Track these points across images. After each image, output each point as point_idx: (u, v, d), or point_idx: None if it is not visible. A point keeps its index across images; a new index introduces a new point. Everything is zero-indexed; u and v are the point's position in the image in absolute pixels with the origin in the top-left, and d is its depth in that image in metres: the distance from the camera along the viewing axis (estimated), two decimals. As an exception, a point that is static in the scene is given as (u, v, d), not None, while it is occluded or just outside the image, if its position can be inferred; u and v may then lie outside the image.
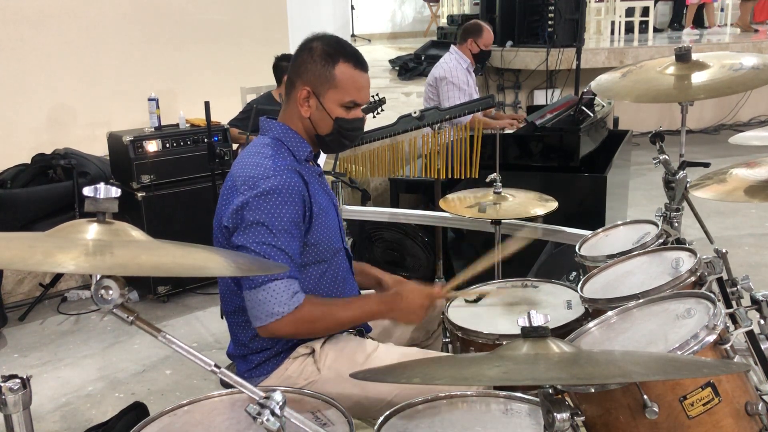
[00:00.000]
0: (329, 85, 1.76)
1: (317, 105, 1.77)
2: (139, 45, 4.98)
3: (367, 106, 3.97)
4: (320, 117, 1.78)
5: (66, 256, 1.03)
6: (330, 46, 1.77)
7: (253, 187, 1.66)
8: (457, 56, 4.69)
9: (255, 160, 1.72)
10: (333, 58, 1.75)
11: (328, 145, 1.85)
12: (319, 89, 1.76)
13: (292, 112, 1.81)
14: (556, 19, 6.98)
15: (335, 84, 1.76)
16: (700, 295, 1.45)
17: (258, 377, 1.79)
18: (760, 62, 1.86)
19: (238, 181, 1.70)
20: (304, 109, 1.78)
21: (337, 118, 1.78)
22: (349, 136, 1.83)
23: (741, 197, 1.69)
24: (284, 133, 1.80)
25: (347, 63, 1.76)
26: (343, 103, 1.77)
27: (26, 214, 3.88)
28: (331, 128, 1.79)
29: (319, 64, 1.75)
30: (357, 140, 1.91)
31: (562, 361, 1.07)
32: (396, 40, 11.26)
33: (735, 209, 5.01)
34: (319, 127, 1.80)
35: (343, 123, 1.79)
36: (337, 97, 1.76)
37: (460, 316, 1.96)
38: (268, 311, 1.63)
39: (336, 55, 1.76)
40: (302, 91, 1.77)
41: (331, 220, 1.83)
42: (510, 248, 2.13)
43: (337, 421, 1.40)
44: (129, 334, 3.53)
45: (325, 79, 1.75)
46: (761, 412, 1.28)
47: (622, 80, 2.02)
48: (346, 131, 1.80)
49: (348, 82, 1.76)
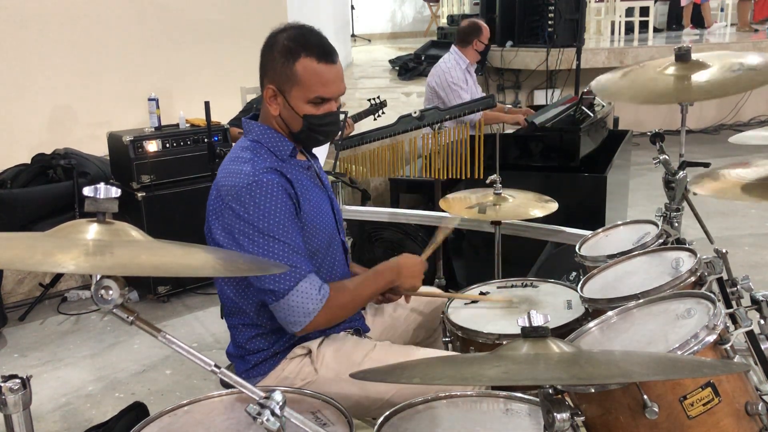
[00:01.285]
0: (292, 83, 1.70)
1: (284, 103, 1.73)
2: (139, 45, 4.98)
3: (368, 109, 3.98)
4: (289, 115, 1.74)
5: (66, 256, 1.03)
6: (291, 40, 1.71)
7: (236, 196, 1.64)
8: (456, 57, 4.70)
9: (234, 167, 1.70)
10: (293, 54, 1.69)
11: (304, 142, 1.81)
12: (283, 87, 1.72)
13: (266, 111, 1.79)
14: (556, 19, 6.99)
15: (297, 81, 1.69)
16: (700, 295, 1.45)
17: (255, 377, 1.79)
18: (760, 62, 1.85)
19: (222, 191, 1.68)
20: (273, 108, 1.75)
21: (305, 115, 1.72)
22: (322, 131, 1.77)
23: (740, 197, 1.69)
24: (263, 134, 1.77)
25: (309, 57, 1.68)
26: (309, 100, 1.71)
27: (26, 214, 3.87)
28: (301, 125, 1.74)
29: (280, 61, 1.70)
30: (334, 134, 1.85)
31: (562, 361, 1.07)
32: (396, 40, 11.26)
33: (735, 209, 5.01)
34: (291, 125, 1.76)
35: (312, 120, 1.73)
36: (302, 94, 1.71)
37: (460, 315, 1.96)
38: (303, 312, 1.65)
39: (297, 50, 1.69)
40: (267, 89, 1.74)
41: (323, 213, 1.82)
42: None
43: (337, 421, 1.40)
44: (129, 334, 3.52)
45: (287, 78, 1.70)
46: (761, 412, 1.28)
47: (622, 80, 2.02)
48: (317, 127, 1.75)
49: (312, 79, 1.69)
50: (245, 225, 1.64)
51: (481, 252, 3.74)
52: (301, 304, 1.64)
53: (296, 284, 1.64)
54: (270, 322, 1.76)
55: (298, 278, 1.64)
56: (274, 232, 1.64)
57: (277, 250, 1.64)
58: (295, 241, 1.67)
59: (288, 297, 1.64)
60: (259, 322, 1.77)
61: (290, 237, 1.66)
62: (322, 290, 1.67)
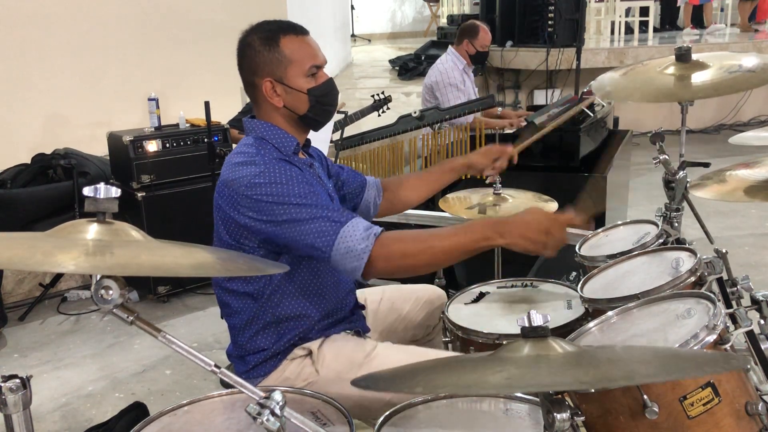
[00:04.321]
0: (285, 65, 1.74)
1: (285, 89, 1.75)
2: (139, 45, 4.98)
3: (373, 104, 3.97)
4: (293, 98, 1.76)
5: (66, 256, 1.03)
6: (264, 30, 1.76)
7: (250, 185, 1.63)
8: (453, 57, 4.69)
9: (241, 160, 1.70)
10: (274, 39, 1.74)
11: (315, 120, 1.81)
12: (278, 73, 1.74)
13: (266, 110, 1.79)
14: (556, 19, 6.99)
15: (289, 60, 1.74)
16: (700, 295, 1.45)
17: (255, 379, 1.79)
18: (760, 62, 1.86)
19: (233, 185, 1.66)
20: (275, 100, 1.76)
21: (309, 89, 1.76)
22: (328, 101, 1.80)
23: (741, 197, 1.69)
24: (266, 130, 1.78)
25: (288, 35, 1.75)
26: (305, 73, 1.75)
27: (26, 214, 3.87)
28: (308, 102, 1.77)
29: (265, 51, 1.74)
30: (337, 102, 1.88)
31: (564, 363, 1.07)
32: (396, 40, 11.27)
33: (735, 209, 5.01)
34: (298, 109, 1.77)
35: (315, 91, 1.77)
36: (298, 70, 1.74)
37: (460, 315, 1.96)
38: (355, 256, 1.57)
39: (274, 35, 1.74)
40: (265, 84, 1.75)
41: None
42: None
43: (337, 421, 1.40)
44: (129, 334, 3.52)
45: (278, 61, 1.74)
46: (761, 412, 1.28)
47: (622, 80, 2.02)
48: (323, 97, 1.78)
49: (300, 52, 1.74)
50: (267, 205, 1.62)
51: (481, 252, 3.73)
52: (350, 250, 1.58)
53: (337, 232, 1.59)
54: (270, 322, 1.76)
55: (338, 226, 1.59)
56: (299, 199, 1.62)
57: (307, 213, 1.61)
58: (322, 200, 1.64)
59: (335, 248, 1.59)
60: (258, 322, 1.77)
61: (316, 198, 1.63)
62: (369, 230, 1.59)
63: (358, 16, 10.69)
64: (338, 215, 1.62)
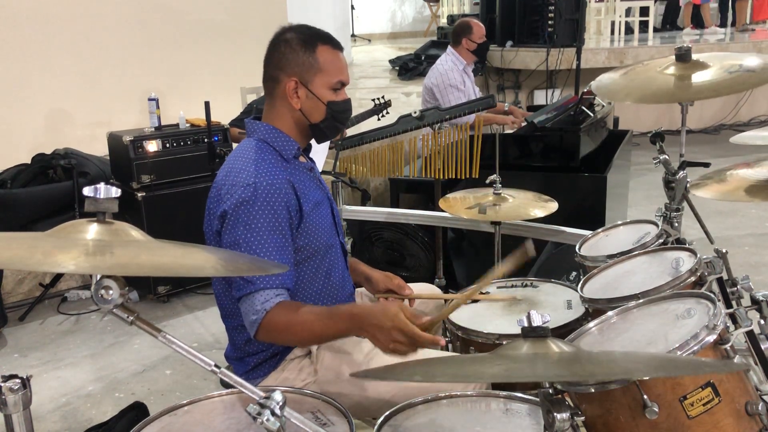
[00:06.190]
0: (315, 71, 1.75)
1: (307, 94, 1.76)
2: (139, 45, 4.98)
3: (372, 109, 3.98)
4: (312, 105, 1.77)
5: (66, 256, 1.03)
6: (304, 33, 1.77)
7: (235, 206, 1.65)
8: (453, 58, 4.69)
9: (238, 165, 1.71)
10: (312, 44, 1.75)
11: (323, 132, 1.83)
12: (306, 77, 1.75)
13: (279, 108, 1.80)
14: (556, 19, 6.99)
15: (320, 68, 1.75)
16: (700, 295, 1.45)
17: (255, 379, 1.79)
18: (760, 62, 1.86)
19: (222, 189, 1.69)
20: (294, 101, 1.77)
21: (329, 102, 1.78)
22: (342, 118, 1.83)
23: (741, 197, 1.69)
24: (269, 133, 1.78)
25: (326, 45, 1.77)
26: (331, 86, 1.77)
27: (26, 214, 3.87)
28: (324, 114, 1.78)
29: (300, 52, 1.75)
30: (347, 123, 1.90)
31: (562, 360, 1.07)
32: (396, 40, 11.27)
33: (735, 209, 5.01)
34: (312, 116, 1.79)
35: (334, 106, 1.78)
36: (325, 80, 1.76)
37: (460, 315, 1.96)
38: (248, 322, 1.63)
39: (313, 40, 1.76)
40: (289, 83, 1.75)
41: (324, 216, 1.82)
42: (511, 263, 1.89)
43: (337, 421, 1.40)
44: (129, 334, 3.52)
45: (310, 66, 1.75)
46: (761, 412, 1.28)
47: (622, 80, 2.02)
48: (338, 114, 1.80)
49: (332, 64, 1.76)
50: (238, 237, 1.65)
51: (481, 252, 3.74)
52: (246, 313, 1.63)
53: (248, 291, 1.61)
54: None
55: (251, 288, 1.61)
56: (260, 251, 1.64)
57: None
58: (274, 256, 1.65)
59: (241, 301, 1.64)
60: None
61: (271, 254, 1.65)
62: (265, 303, 1.60)
63: (358, 16, 10.69)
64: (257, 277, 1.60)
